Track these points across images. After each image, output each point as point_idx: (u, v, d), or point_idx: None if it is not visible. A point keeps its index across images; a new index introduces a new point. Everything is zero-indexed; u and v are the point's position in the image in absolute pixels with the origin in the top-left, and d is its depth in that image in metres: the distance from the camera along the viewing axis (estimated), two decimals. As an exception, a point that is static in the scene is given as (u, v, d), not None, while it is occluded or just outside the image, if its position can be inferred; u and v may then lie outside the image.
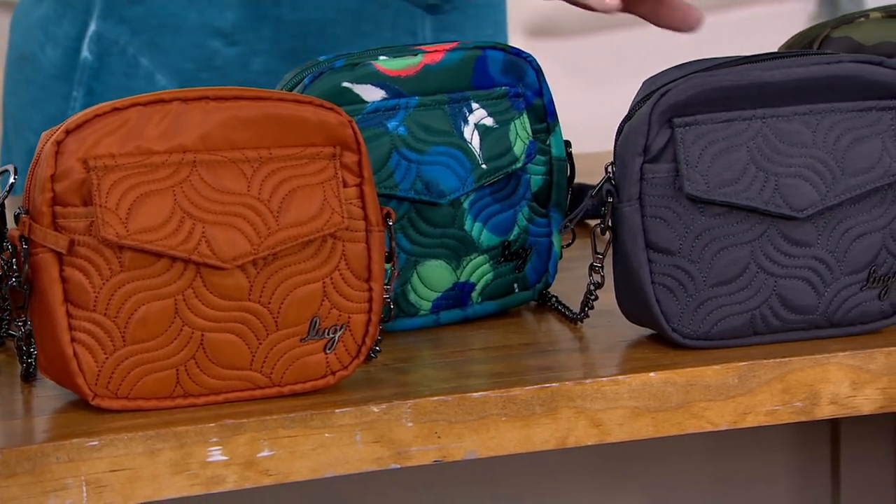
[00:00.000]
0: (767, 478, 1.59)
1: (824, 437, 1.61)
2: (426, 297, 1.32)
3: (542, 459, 1.51)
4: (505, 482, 1.53)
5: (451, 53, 1.32)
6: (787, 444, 1.59)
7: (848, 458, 1.61)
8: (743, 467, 1.59)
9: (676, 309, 1.27)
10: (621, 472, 1.56)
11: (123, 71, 1.66)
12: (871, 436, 1.62)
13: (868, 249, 1.28)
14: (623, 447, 1.53)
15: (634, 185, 1.26)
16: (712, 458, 1.58)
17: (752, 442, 1.58)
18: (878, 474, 1.62)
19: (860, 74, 1.27)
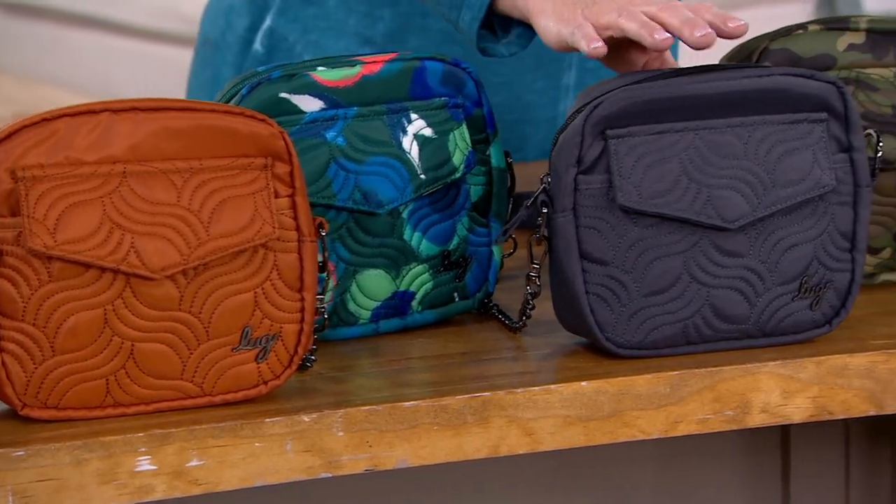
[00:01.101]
0: (718, 484, 1.55)
1: (774, 444, 1.57)
2: (365, 307, 1.28)
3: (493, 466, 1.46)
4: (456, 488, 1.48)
5: (389, 64, 1.27)
6: (737, 451, 1.55)
7: (798, 464, 1.57)
8: (694, 473, 1.54)
9: (610, 318, 1.23)
10: (572, 479, 1.51)
11: None
12: (820, 442, 1.57)
13: (799, 260, 1.24)
14: (574, 454, 1.48)
15: (568, 195, 1.22)
16: (664, 465, 1.54)
17: (703, 448, 1.54)
18: (828, 481, 1.58)
19: (791, 87, 1.23)
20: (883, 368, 1.23)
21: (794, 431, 1.57)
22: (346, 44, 1.61)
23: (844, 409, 1.22)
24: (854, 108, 1.24)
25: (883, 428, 1.59)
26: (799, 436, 1.57)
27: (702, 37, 1.23)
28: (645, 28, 1.24)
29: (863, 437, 1.59)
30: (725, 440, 1.55)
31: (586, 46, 1.25)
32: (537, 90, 1.64)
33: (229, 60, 1.67)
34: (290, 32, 1.62)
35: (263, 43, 1.64)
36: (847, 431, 1.59)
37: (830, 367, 1.22)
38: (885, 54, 1.37)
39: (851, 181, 1.25)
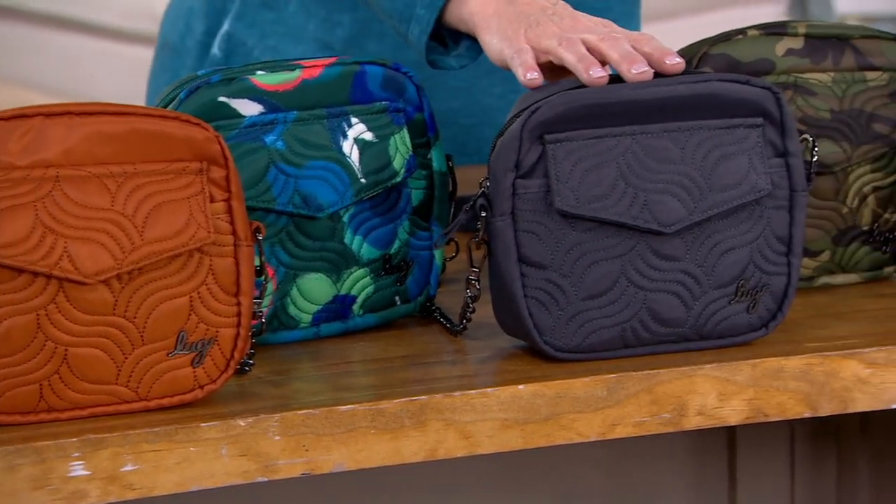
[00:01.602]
0: (666, 485, 1.53)
1: (721, 445, 1.55)
2: (306, 310, 1.26)
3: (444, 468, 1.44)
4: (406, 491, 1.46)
5: (329, 69, 1.25)
6: (685, 452, 1.53)
7: (744, 465, 1.56)
8: (642, 475, 1.53)
9: (548, 322, 1.21)
10: (523, 481, 1.50)
11: None
12: (766, 443, 1.56)
13: (736, 264, 1.22)
14: (522, 456, 1.47)
15: (507, 200, 1.20)
16: (613, 466, 1.52)
17: (652, 450, 1.52)
18: (774, 481, 1.57)
19: (727, 93, 1.21)
20: (818, 371, 1.21)
21: (739, 433, 1.56)
22: (305, 49, 1.59)
23: (780, 412, 1.21)
24: (789, 114, 1.23)
25: (827, 429, 1.58)
26: (745, 437, 1.56)
27: (638, 73, 1.22)
28: (582, 62, 1.23)
29: (807, 438, 1.58)
30: (673, 442, 1.54)
31: (522, 76, 1.25)
32: (496, 94, 1.62)
33: (189, 64, 1.65)
34: (248, 37, 1.60)
35: (221, 47, 1.62)
36: (792, 433, 1.58)
37: (766, 370, 1.21)
38: (822, 59, 1.36)
39: (787, 186, 1.23)
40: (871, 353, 1.22)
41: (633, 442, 1.51)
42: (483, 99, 1.62)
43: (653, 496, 1.54)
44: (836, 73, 1.36)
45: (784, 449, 1.58)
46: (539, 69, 1.25)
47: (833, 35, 1.37)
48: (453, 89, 1.60)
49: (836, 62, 1.36)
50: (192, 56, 1.63)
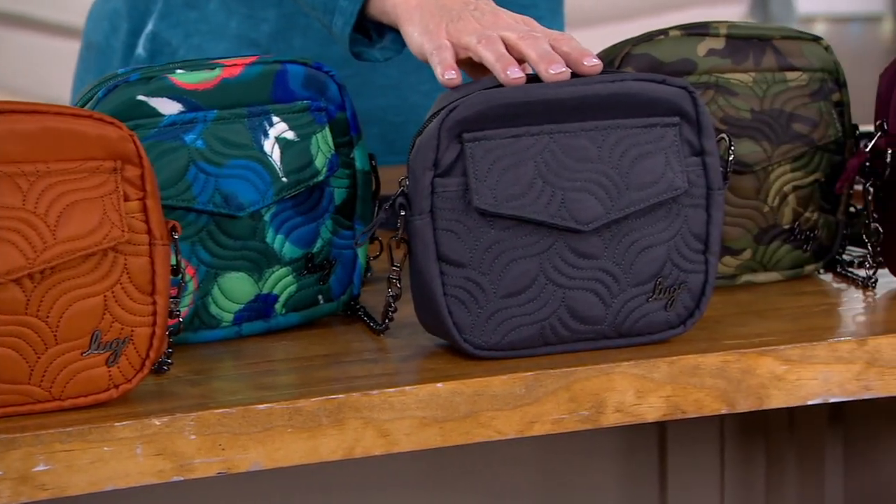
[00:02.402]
0: (598, 482, 1.51)
1: (652, 442, 1.54)
2: (228, 309, 1.23)
3: (374, 466, 1.42)
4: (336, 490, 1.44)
5: (249, 67, 1.22)
6: (616, 450, 1.52)
7: (675, 461, 1.54)
8: (574, 472, 1.51)
9: (468, 320, 1.19)
10: (454, 479, 1.48)
11: None
12: (697, 440, 1.54)
13: (653, 262, 1.20)
14: (454, 454, 1.45)
15: (426, 198, 1.18)
16: (544, 464, 1.50)
17: (583, 448, 1.50)
18: (704, 477, 1.55)
19: (643, 92, 1.19)
20: (734, 368, 1.20)
21: (670, 430, 1.54)
22: (228, 46, 1.56)
23: (697, 408, 1.19)
24: (706, 113, 1.21)
25: (756, 425, 1.57)
26: (675, 433, 1.54)
27: (556, 74, 1.20)
28: (500, 62, 1.21)
29: (737, 434, 1.56)
30: (604, 439, 1.52)
31: (440, 76, 1.23)
32: (423, 92, 1.60)
33: (115, 65, 1.63)
34: (172, 37, 1.58)
35: (146, 47, 1.59)
36: (722, 429, 1.56)
37: (683, 367, 1.19)
38: (744, 59, 1.35)
39: (704, 184, 1.22)
40: (787, 350, 1.20)
41: (565, 439, 1.49)
42: (411, 97, 1.60)
43: (584, 493, 1.52)
44: (757, 73, 1.35)
45: (714, 445, 1.56)
46: (457, 68, 1.23)
47: (754, 36, 1.36)
48: (382, 87, 1.58)
49: (757, 62, 1.35)
50: (117, 56, 1.61)
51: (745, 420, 1.56)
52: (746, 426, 1.57)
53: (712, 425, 1.56)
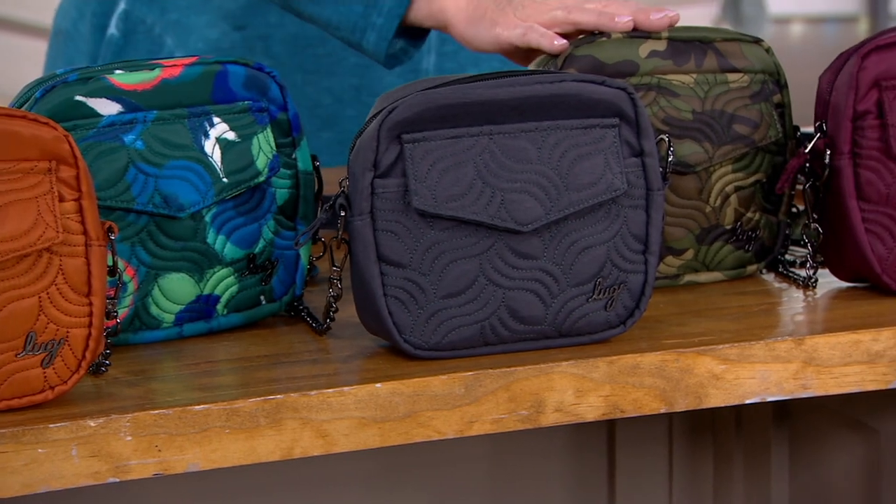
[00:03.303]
0: (547, 481, 1.50)
1: (601, 441, 1.52)
2: (168, 310, 1.21)
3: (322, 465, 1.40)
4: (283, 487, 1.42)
5: (189, 68, 1.21)
6: (565, 448, 1.50)
7: (623, 460, 1.53)
8: (522, 471, 1.50)
9: (408, 320, 1.17)
10: (403, 477, 1.46)
11: (148, 49, 1.58)
12: (645, 439, 1.53)
13: (593, 262, 1.19)
14: (405, 452, 1.43)
15: (366, 199, 1.16)
16: (494, 463, 1.49)
17: (532, 447, 1.49)
18: (652, 476, 1.54)
19: (582, 93, 1.18)
20: (673, 367, 1.18)
21: (619, 428, 1.53)
22: (209, 19, 1.55)
23: (636, 408, 1.18)
24: (645, 114, 1.20)
25: (704, 424, 1.56)
26: (624, 432, 1.53)
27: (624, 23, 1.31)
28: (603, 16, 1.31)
29: (685, 433, 1.55)
30: (553, 438, 1.51)
31: (551, 45, 1.31)
32: (395, 72, 1.59)
33: (83, 49, 1.61)
34: (147, 14, 1.56)
35: (119, 27, 1.58)
36: (670, 428, 1.55)
37: (622, 367, 1.18)
38: (685, 61, 1.34)
39: (643, 185, 1.20)
40: (725, 349, 1.19)
41: (514, 438, 1.48)
42: (385, 76, 1.59)
43: (533, 492, 1.51)
44: (699, 74, 1.34)
45: (662, 444, 1.55)
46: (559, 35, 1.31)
47: (695, 38, 1.35)
48: (355, 66, 1.57)
49: (699, 64, 1.34)
50: (86, 40, 1.59)
51: (693, 419, 1.55)
52: (695, 425, 1.56)
53: (661, 425, 1.55)
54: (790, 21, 6.07)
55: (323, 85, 1.58)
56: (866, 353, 1.22)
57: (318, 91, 1.59)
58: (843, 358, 1.21)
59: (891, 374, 1.23)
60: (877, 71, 1.28)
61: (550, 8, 1.33)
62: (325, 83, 1.58)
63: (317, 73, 1.58)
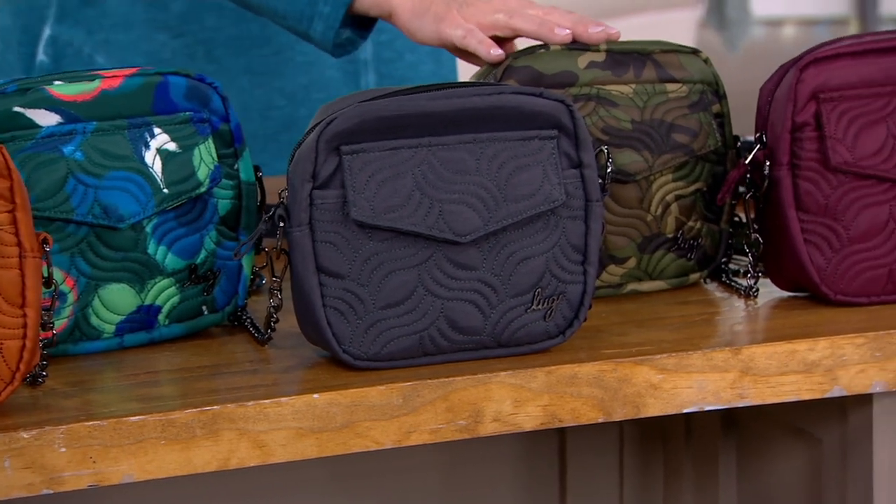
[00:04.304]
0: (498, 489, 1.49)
1: (552, 449, 1.51)
2: (109, 321, 1.19)
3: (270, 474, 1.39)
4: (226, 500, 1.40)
5: (129, 79, 1.19)
6: (516, 456, 1.49)
7: (574, 468, 1.52)
8: (474, 479, 1.48)
9: (347, 331, 1.16)
10: (354, 487, 1.44)
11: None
12: (596, 448, 1.52)
13: (532, 272, 1.18)
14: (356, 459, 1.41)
15: (304, 210, 1.15)
16: (445, 470, 1.47)
17: (483, 454, 1.48)
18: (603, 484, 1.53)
19: (521, 105, 1.17)
20: (611, 377, 1.17)
21: (570, 437, 1.52)
22: (139, 34, 1.53)
23: (574, 417, 1.17)
24: (583, 126, 1.19)
25: (655, 434, 1.55)
26: (574, 441, 1.52)
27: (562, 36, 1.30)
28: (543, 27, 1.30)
29: (636, 442, 1.54)
30: (504, 446, 1.49)
31: (487, 53, 1.30)
32: (337, 66, 1.58)
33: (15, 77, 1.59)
34: (73, 37, 1.55)
35: (48, 52, 1.56)
36: (621, 437, 1.54)
37: (560, 377, 1.16)
38: (624, 72, 1.33)
39: (582, 196, 1.19)
40: (663, 359, 1.18)
41: (466, 445, 1.47)
42: (328, 72, 1.58)
43: (484, 500, 1.49)
44: (638, 85, 1.33)
45: (613, 452, 1.54)
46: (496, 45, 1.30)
47: (634, 50, 1.34)
48: (301, 65, 1.56)
49: (638, 75, 1.33)
50: (15, 69, 1.57)
51: (643, 428, 1.54)
52: (645, 434, 1.54)
53: (612, 433, 1.53)
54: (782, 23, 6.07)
55: (274, 86, 1.57)
56: (802, 363, 1.21)
57: (270, 92, 1.58)
58: (779, 367, 1.21)
59: (826, 384, 1.22)
60: (815, 83, 1.28)
61: (494, 9, 1.32)
62: (276, 83, 1.58)
63: (265, 75, 1.57)
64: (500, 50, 1.31)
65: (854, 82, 1.27)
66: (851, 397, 1.26)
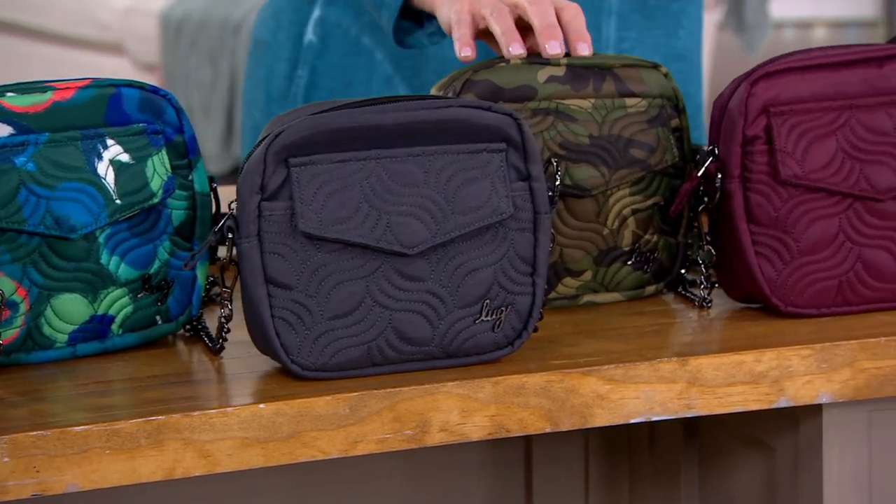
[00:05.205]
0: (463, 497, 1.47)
1: (518, 458, 1.50)
2: (61, 330, 1.18)
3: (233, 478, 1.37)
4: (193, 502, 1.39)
5: (82, 91, 1.18)
6: (483, 465, 1.48)
7: (540, 478, 1.50)
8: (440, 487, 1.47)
9: (295, 342, 1.15)
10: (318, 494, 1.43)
11: (346, 50, 1.60)
12: (562, 458, 1.51)
13: (480, 284, 1.17)
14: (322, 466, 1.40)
15: (253, 222, 1.14)
16: (411, 478, 1.46)
17: (450, 462, 1.46)
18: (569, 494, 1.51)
19: (469, 118, 1.16)
20: (558, 388, 1.16)
21: (535, 447, 1.51)
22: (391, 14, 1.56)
23: (521, 427, 1.16)
24: (532, 139, 1.18)
25: (620, 442, 1.53)
26: (540, 451, 1.51)
27: (553, 54, 1.29)
28: (505, 36, 1.30)
29: (601, 453, 1.53)
30: (471, 454, 1.48)
31: (458, 51, 1.31)
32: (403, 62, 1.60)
33: (283, 56, 1.63)
34: (342, 18, 1.58)
35: (316, 32, 1.60)
36: (587, 448, 1.53)
37: (508, 387, 1.15)
38: (584, 86, 1.32)
39: (531, 208, 1.18)
40: (610, 370, 1.17)
41: (431, 453, 1.45)
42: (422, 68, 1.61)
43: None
44: (597, 99, 1.32)
45: (579, 463, 1.53)
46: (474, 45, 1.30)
47: (595, 64, 1.33)
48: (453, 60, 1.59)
49: (597, 89, 1.32)
50: (285, 48, 1.62)
51: (609, 437, 1.53)
52: (610, 443, 1.53)
53: (578, 442, 1.52)
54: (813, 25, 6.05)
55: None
56: (749, 374, 1.20)
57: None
58: (726, 378, 1.19)
59: (773, 395, 1.21)
60: (765, 97, 1.26)
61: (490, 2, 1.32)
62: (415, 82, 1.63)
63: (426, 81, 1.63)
64: (469, 51, 1.31)
65: (804, 96, 1.26)
66: (803, 408, 1.25)
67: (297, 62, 1.61)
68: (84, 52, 4.52)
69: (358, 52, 1.59)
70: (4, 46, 4.66)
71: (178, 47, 4.36)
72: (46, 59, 4.59)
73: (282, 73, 1.63)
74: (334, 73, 1.60)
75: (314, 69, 1.61)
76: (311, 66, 1.62)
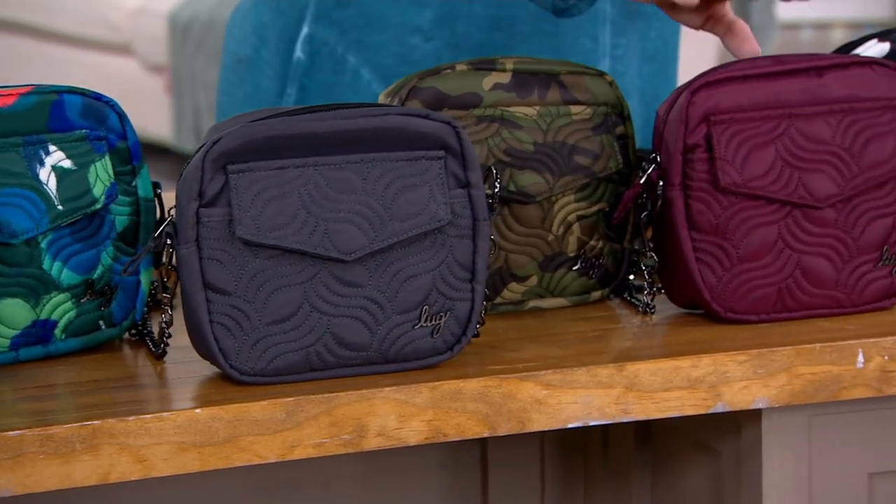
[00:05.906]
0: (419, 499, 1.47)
1: (475, 460, 1.49)
2: (3, 335, 1.17)
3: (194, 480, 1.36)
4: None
5: (24, 98, 1.17)
6: (439, 467, 1.47)
7: (496, 480, 1.49)
8: (396, 488, 1.46)
9: (234, 347, 1.14)
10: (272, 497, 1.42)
11: (332, 68, 1.58)
12: (517, 460, 1.50)
13: (419, 290, 1.16)
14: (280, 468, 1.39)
15: (191, 228, 1.13)
16: (366, 480, 1.45)
17: (406, 464, 1.46)
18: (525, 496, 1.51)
19: (406, 126, 1.15)
20: (495, 393, 1.15)
21: (491, 449, 1.50)
22: (392, 35, 1.53)
23: (459, 432, 1.15)
24: (470, 147, 1.17)
25: (575, 445, 1.53)
26: (496, 453, 1.50)
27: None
28: None
29: (557, 455, 1.52)
30: (427, 456, 1.47)
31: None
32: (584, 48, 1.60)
33: (270, 73, 1.61)
34: (329, 36, 1.56)
35: (304, 50, 1.58)
36: (542, 449, 1.52)
37: (445, 392, 1.15)
38: (529, 94, 1.31)
39: (470, 215, 1.17)
40: (548, 375, 1.16)
41: (386, 455, 1.45)
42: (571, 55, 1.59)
43: (406, 510, 1.48)
44: (542, 107, 1.31)
45: (534, 465, 1.52)
46: None
47: (540, 71, 1.32)
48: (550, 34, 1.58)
49: (542, 97, 1.31)
50: (273, 65, 1.59)
51: (564, 440, 1.52)
52: (565, 446, 1.52)
53: (533, 445, 1.51)
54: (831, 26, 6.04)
55: None
56: (686, 379, 1.19)
57: None
58: (663, 384, 1.19)
59: (710, 400, 1.20)
60: (706, 106, 1.26)
61: None
62: None
63: None
64: None
65: (744, 105, 1.26)
66: (744, 412, 1.25)
67: (286, 79, 1.60)
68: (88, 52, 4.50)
69: (344, 71, 1.59)
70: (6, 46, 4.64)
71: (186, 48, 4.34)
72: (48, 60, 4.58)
73: (270, 91, 1.62)
74: (322, 90, 1.59)
75: (303, 87, 1.60)
76: (299, 84, 1.60)
